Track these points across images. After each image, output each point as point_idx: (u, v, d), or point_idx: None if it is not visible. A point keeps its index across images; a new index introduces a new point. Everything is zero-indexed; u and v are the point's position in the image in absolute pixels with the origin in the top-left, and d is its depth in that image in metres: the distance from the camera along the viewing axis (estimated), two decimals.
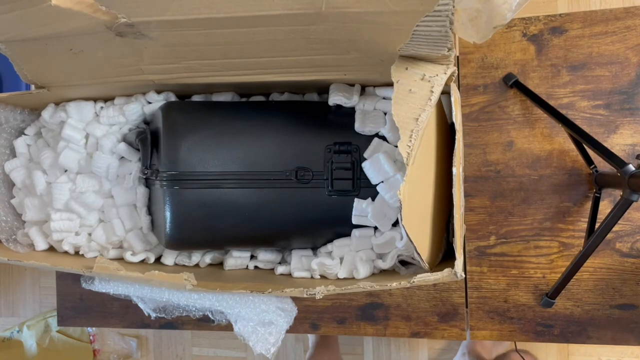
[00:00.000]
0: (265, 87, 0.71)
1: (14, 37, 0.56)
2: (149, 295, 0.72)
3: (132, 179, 0.69)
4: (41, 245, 0.74)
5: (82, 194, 0.70)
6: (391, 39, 0.51)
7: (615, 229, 0.76)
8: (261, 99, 0.74)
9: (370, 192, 0.64)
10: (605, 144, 0.74)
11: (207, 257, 0.74)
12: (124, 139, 0.71)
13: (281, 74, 0.63)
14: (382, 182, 0.62)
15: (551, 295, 0.79)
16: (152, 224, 0.70)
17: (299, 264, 0.69)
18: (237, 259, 0.73)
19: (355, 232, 0.66)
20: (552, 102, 0.80)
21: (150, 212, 0.70)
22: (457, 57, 0.85)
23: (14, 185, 0.77)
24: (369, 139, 0.65)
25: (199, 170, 0.63)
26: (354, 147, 0.65)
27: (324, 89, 0.70)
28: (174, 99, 0.72)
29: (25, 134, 0.77)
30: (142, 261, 0.73)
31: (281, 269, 0.70)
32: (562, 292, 0.78)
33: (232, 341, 1.65)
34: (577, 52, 0.81)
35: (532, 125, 0.83)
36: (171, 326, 0.91)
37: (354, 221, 0.65)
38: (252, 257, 0.74)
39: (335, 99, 0.66)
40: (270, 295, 0.63)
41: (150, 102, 0.71)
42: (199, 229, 0.65)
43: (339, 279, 0.66)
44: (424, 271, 0.55)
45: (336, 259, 0.67)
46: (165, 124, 0.64)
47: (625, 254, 0.80)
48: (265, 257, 0.73)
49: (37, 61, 0.62)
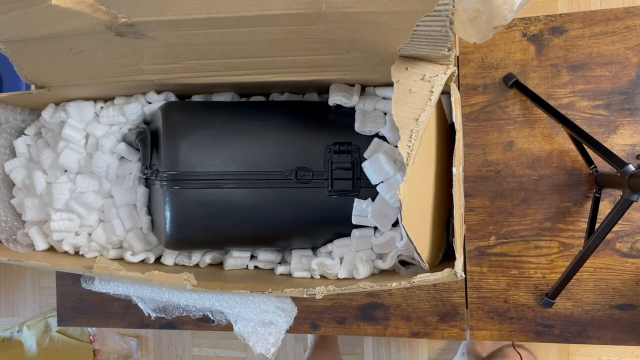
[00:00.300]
0: (265, 87, 0.71)
1: (14, 37, 0.56)
2: (149, 295, 0.72)
3: (132, 179, 0.69)
4: (41, 245, 0.74)
5: (82, 194, 0.70)
6: (391, 39, 0.51)
7: (615, 229, 0.76)
8: (261, 99, 0.74)
9: (370, 192, 0.64)
10: (605, 144, 0.74)
11: (207, 257, 0.74)
12: (124, 139, 0.71)
13: (281, 74, 0.63)
14: (382, 182, 0.62)
15: (551, 295, 0.79)
16: (152, 224, 0.70)
17: (299, 264, 0.69)
18: (237, 259, 0.73)
19: (355, 232, 0.66)
20: (552, 102, 0.80)
21: (150, 212, 0.70)
22: (457, 57, 0.85)
23: (14, 185, 0.77)
24: (369, 139, 0.65)
25: (199, 170, 0.63)
26: (354, 147, 0.65)
27: (324, 89, 0.70)
28: (174, 99, 0.72)
29: (25, 134, 0.77)
30: (142, 261, 0.73)
31: (281, 269, 0.70)
32: (562, 292, 0.78)
33: (232, 341, 1.65)
34: (577, 52, 0.81)
35: (532, 125, 0.83)
36: (171, 326, 0.91)
37: (354, 221, 0.65)
38: (252, 257, 0.74)
39: (335, 99, 0.66)
40: (270, 295, 0.63)
41: (150, 102, 0.71)
42: (199, 229, 0.65)
43: (339, 279, 0.66)
44: (424, 271, 0.55)
45: (336, 259, 0.67)
46: (165, 124, 0.64)
47: (625, 254, 0.79)
48: (265, 257, 0.73)
49: (37, 61, 0.62)
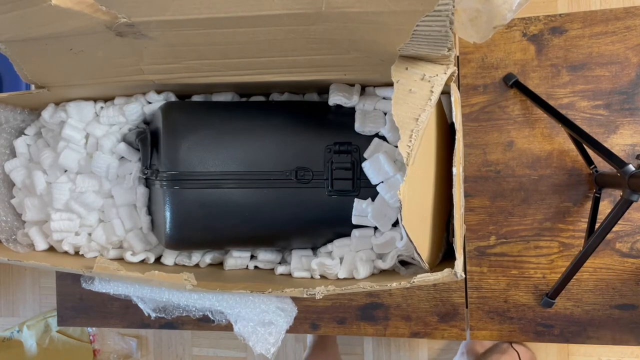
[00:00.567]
0: (265, 87, 0.71)
1: (14, 37, 0.56)
2: (149, 295, 0.72)
3: (132, 179, 0.69)
4: (41, 245, 0.74)
5: (82, 194, 0.70)
6: (391, 39, 0.51)
7: (615, 229, 0.76)
8: (261, 99, 0.74)
9: (370, 192, 0.64)
10: (605, 144, 0.74)
11: (207, 257, 0.74)
12: (124, 139, 0.71)
13: (281, 74, 0.63)
14: (382, 182, 0.62)
15: (551, 295, 0.79)
16: (152, 224, 0.70)
17: (299, 264, 0.69)
18: (237, 259, 0.73)
19: (355, 232, 0.66)
20: (552, 102, 0.80)
21: (150, 212, 0.70)
22: (457, 57, 0.85)
23: (14, 185, 0.77)
24: (369, 139, 0.65)
25: (199, 170, 0.63)
26: (354, 147, 0.65)
27: (324, 89, 0.70)
28: (174, 99, 0.72)
29: (25, 134, 0.77)
30: (142, 261, 0.73)
31: (281, 269, 0.70)
32: (562, 292, 0.78)
33: (232, 341, 1.65)
34: (577, 52, 0.81)
35: (532, 125, 0.83)
36: (171, 326, 0.91)
37: (354, 221, 0.65)
38: (252, 257, 0.74)
39: (335, 99, 0.66)
40: (270, 295, 0.63)
41: (150, 102, 0.71)
42: (199, 229, 0.65)
43: (339, 279, 0.66)
44: (424, 271, 0.55)
45: (336, 259, 0.67)
46: (165, 124, 0.64)
47: (625, 254, 0.79)
48: (265, 257, 0.73)
49: (37, 61, 0.62)
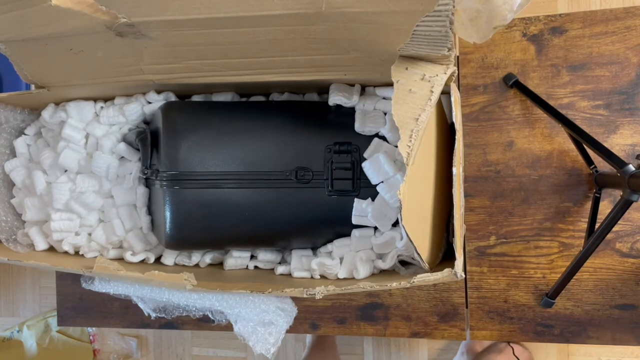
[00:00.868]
0: (265, 87, 0.71)
1: (14, 37, 0.56)
2: (149, 295, 0.72)
3: (132, 179, 0.69)
4: (41, 245, 0.74)
5: (82, 194, 0.70)
6: (391, 39, 0.51)
7: (615, 229, 0.76)
8: (261, 99, 0.74)
9: (370, 192, 0.64)
10: (605, 144, 0.74)
11: (207, 257, 0.74)
12: (124, 139, 0.71)
13: (281, 74, 0.63)
14: (382, 182, 0.62)
15: (551, 295, 0.79)
16: (152, 224, 0.70)
17: (299, 264, 0.69)
18: (237, 259, 0.73)
19: (355, 232, 0.66)
20: (552, 102, 0.80)
21: (150, 212, 0.70)
22: (457, 57, 0.85)
23: (14, 185, 0.77)
24: (369, 139, 0.65)
25: (199, 170, 0.63)
26: (354, 147, 0.65)
27: (324, 89, 0.70)
28: (174, 99, 0.72)
29: (25, 134, 0.77)
30: (142, 261, 0.73)
31: (281, 269, 0.70)
32: (562, 292, 0.78)
33: (232, 341, 1.65)
34: (577, 52, 0.81)
35: (532, 125, 0.83)
36: (171, 326, 0.91)
37: (354, 221, 0.65)
38: (252, 257, 0.74)
39: (335, 99, 0.66)
40: (270, 295, 0.63)
41: (150, 102, 0.71)
42: (199, 229, 0.65)
43: (339, 279, 0.66)
44: (424, 271, 0.55)
45: (336, 259, 0.67)
46: (165, 124, 0.64)
47: (625, 254, 0.79)
48: (265, 257, 0.73)
49: (37, 61, 0.62)
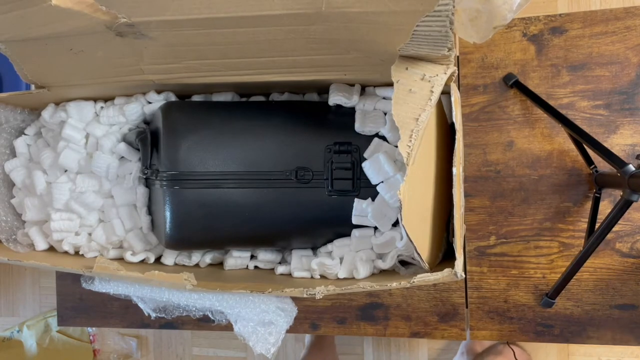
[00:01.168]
0: (265, 87, 0.71)
1: (14, 37, 0.56)
2: (149, 295, 0.72)
3: (132, 179, 0.69)
4: (41, 245, 0.74)
5: (82, 194, 0.70)
6: (391, 39, 0.51)
7: (615, 229, 0.76)
8: (261, 99, 0.74)
9: (370, 192, 0.64)
10: (605, 144, 0.74)
11: (207, 257, 0.74)
12: (124, 139, 0.71)
13: (281, 74, 0.63)
14: (382, 182, 0.62)
15: (551, 295, 0.79)
16: (152, 224, 0.70)
17: (299, 264, 0.69)
18: (237, 259, 0.73)
19: (355, 232, 0.66)
20: (552, 102, 0.80)
21: (150, 212, 0.70)
22: (457, 57, 0.85)
23: (14, 185, 0.77)
24: (369, 139, 0.65)
25: (199, 170, 0.63)
26: (354, 147, 0.65)
27: (324, 89, 0.70)
28: (174, 99, 0.72)
29: (25, 134, 0.77)
30: (142, 261, 0.73)
31: (281, 269, 0.70)
32: (562, 292, 0.78)
33: (232, 341, 1.65)
34: (577, 52, 0.81)
35: (532, 125, 0.83)
36: (171, 326, 0.91)
37: (354, 221, 0.65)
38: (252, 257, 0.74)
39: (335, 99, 0.66)
40: (270, 295, 0.63)
41: (150, 102, 0.71)
42: (199, 229, 0.65)
43: (339, 279, 0.66)
44: (424, 271, 0.55)
45: (336, 259, 0.67)
46: (165, 124, 0.64)
47: (625, 254, 0.79)
48: (265, 257, 0.73)
49: (37, 61, 0.62)
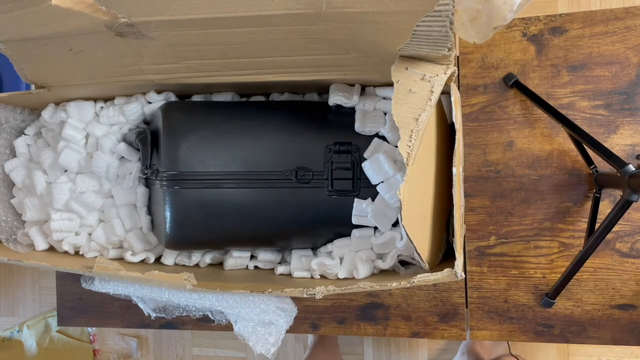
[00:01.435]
0: (265, 87, 0.71)
1: (14, 37, 0.56)
2: (149, 295, 0.72)
3: (132, 179, 0.69)
4: (41, 245, 0.74)
5: (82, 194, 0.70)
6: (391, 39, 0.51)
7: (615, 229, 0.76)
8: (261, 99, 0.74)
9: (370, 192, 0.64)
10: (605, 144, 0.74)
11: (207, 257, 0.74)
12: (124, 139, 0.71)
13: (281, 74, 0.63)
14: (382, 182, 0.62)
15: (551, 295, 0.79)
16: (152, 224, 0.70)
17: (299, 264, 0.69)
18: (237, 259, 0.73)
19: (355, 232, 0.66)
20: (552, 102, 0.80)
21: (150, 212, 0.70)
22: (457, 57, 0.85)
23: (14, 185, 0.77)
24: (369, 139, 0.65)
25: (199, 170, 0.63)
26: (354, 147, 0.65)
27: (324, 89, 0.70)
28: (174, 99, 0.72)
29: (25, 134, 0.77)
30: (142, 261, 0.73)
31: (281, 269, 0.70)
32: (562, 292, 0.78)
33: (232, 341, 1.65)
34: (577, 52, 0.81)
35: (532, 125, 0.83)
36: (171, 326, 0.91)
37: (354, 221, 0.65)
38: (252, 257, 0.74)
39: (335, 99, 0.66)
40: (270, 295, 0.63)
41: (150, 102, 0.71)
42: (199, 229, 0.65)
43: (339, 279, 0.66)
44: (424, 271, 0.55)
45: (336, 259, 0.67)
46: (165, 124, 0.64)
47: (625, 254, 0.79)
48: (265, 257, 0.73)
49: (37, 61, 0.62)
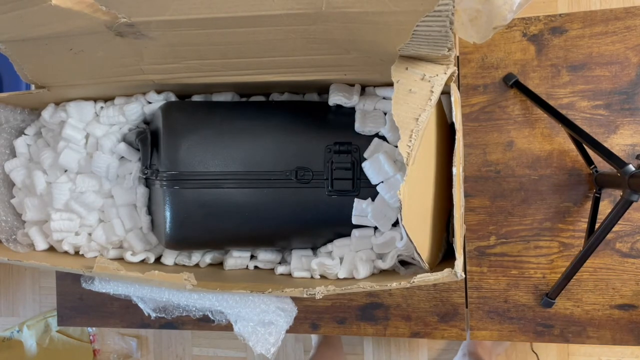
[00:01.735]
0: (265, 87, 0.71)
1: (14, 37, 0.56)
2: (149, 295, 0.72)
3: (132, 179, 0.69)
4: (41, 245, 0.74)
5: (82, 194, 0.70)
6: (391, 39, 0.51)
7: (615, 229, 0.76)
8: (261, 99, 0.74)
9: (370, 192, 0.64)
10: (605, 144, 0.74)
11: (207, 257, 0.74)
12: (124, 139, 0.71)
13: (281, 74, 0.63)
14: (382, 182, 0.62)
15: (551, 295, 0.79)
16: (152, 224, 0.70)
17: (299, 264, 0.69)
18: (237, 259, 0.73)
19: (355, 232, 0.66)
20: (552, 102, 0.80)
21: (150, 212, 0.70)
22: (457, 57, 0.85)
23: (14, 185, 0.77)
24: (369, 139, 0.65)
25: (199, 170, 0.63)
26: (354, 147, 0.65)
27: (324, 89, 0.70)
28: (174, 99, 0.72)
29: (25, 134, 0.77)
30: (142, 261, 0.73)
31: (281, 269, 0.70)
32: (562, 292, 0.79)
33: (232, 341, 1.65)
34: (577, 52, 0.81)
35: (532, 125, 0.83)
36: (171, 326, 0.91)
37: (354, 221, 0.65)
38: (252, 257, 0.74)
39: (335, 99, 0.66)
40: (270, 295, 0.63)
41: (150, 102, 0.71)
42: (199, 229, 0.65)
43: (339, 279, 0.66)
44: (424, 271, 0.55)
45: (336, 259, 0.67)
46: (165, 124, 0.64)
47: (625, 254, 0.79)
48: (265, 257, 0.73)
49: (37, 61, 0.62)
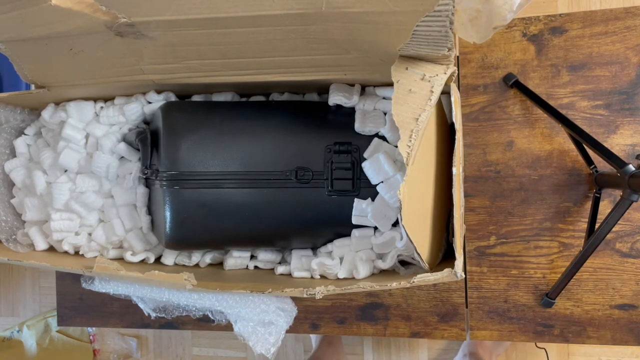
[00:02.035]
0: (265, 87, 0.71)
1: (14, 37, 0.56)
2: (149, 295, 0.72)
3: (132, 179, 0.69)
4: (41, 245, 0.74)
5: (82, 194, 0.70)
6: (391, 39, 0.51)
7: (615, 229, 0.76)
8: (261, 99, 0.74)
9: (370, 192, 0.64)
10: (605, 144, 0.74)
11: (207, 257, 0.74)
12: (124, 139, 0.71)
13: (281, 74, 0.63)
14: (382, 182, 0.62)
15: (551, 295, 0.79)
16: (152, 224, 0.70)
17: (299, 264, 0.69)
18: (237, 259, 0.73)
19: (355, 232, 0.66)
20: (552, 102, 0.80)
21: (150, 212, 0.70)
22: (457, 57, 0.85)
23: (14, 185, 0.77)
24: (369, 139, 0.65)
25: (199, 170, 0.63)
26: (354, 147, 0.65)
27: (324, 89, 0.70)
28: (174, 99, 0.72)
29: (25, 134, 0.77)
30: (142, 261, 0.73)
31: (281, 269, 0.70)
32: (562, 292, 0.79)
33: (232, 341, 1.65)
34: (577, 52, 0.81)
35: (532, 125, 0.83)
36: (171, 326, 0.91)
37: (354, 221, 0.65)
38: (252, 257, 0.74)
39: (335, 99, 0.66)
40: (270, 295, 0.63)
41: (150, 102, 0.71)
42: (199, 229, 0.65)
43: (339, 279, 0.66)
44: (424, 271, 0.55)
45: (336, 259, 0.67)
46: (165, 123, 0.64)
47: (625, 254, 0.79)
48: (265, 257, 0.73)
49: (37, 61, 0.62)
